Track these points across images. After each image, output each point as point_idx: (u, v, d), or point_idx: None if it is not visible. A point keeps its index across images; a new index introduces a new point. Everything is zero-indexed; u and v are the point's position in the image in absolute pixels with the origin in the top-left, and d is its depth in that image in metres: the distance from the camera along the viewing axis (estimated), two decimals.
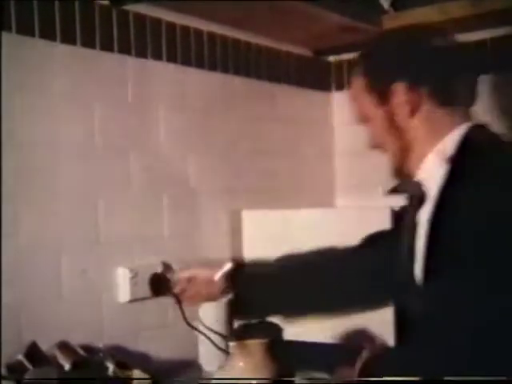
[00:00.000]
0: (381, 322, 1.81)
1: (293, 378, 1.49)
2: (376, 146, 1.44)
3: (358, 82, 1.42)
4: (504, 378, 1.13)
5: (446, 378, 1.17)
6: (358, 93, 1.42)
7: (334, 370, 1.60)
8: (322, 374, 1.60)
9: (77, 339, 1.59)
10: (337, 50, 2.47)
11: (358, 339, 1.80)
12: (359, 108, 1.44)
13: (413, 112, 1.35)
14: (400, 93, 1.35)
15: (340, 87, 2.52)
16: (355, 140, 2.51)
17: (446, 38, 1.41)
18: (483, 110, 1.44)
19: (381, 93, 1.37)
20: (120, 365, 1.53)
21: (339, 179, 2.54)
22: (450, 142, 1.32)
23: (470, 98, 1.39)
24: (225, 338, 1.67)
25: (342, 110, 2.52)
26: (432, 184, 1.32)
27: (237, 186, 2.14)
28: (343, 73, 2.51)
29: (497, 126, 2.03)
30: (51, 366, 1.45)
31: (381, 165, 1.42)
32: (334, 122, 2.54)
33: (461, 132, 1.33)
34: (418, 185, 1.36)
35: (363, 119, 1.44)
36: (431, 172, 1.33)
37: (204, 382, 1.68)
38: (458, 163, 1.28)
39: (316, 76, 2.49)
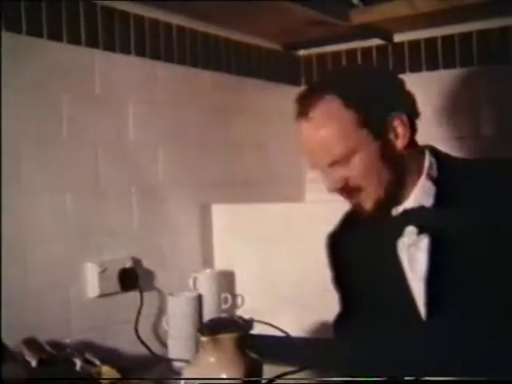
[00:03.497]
0: None
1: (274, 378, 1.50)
2: (349, 185, 1.36)
3: (339, 119, 1.33)
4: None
5: (445, 379, 1.19)
6: (343, 130, 1.33)
7: (304, 362, 1.61)
8: (291, 367, 1.60)
9: (45, 335, 1.57)
10: (306, 45, 2.47)
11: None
12: (341, 146, 1.33)
13: (410, 143, 1.36)
14: (398, 125, 1.34)
15: (309, 81, 2.52)
16: None
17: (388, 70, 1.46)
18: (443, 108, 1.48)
19: (378, 126, 1.34)
20: (88, 361, 1.52)
21: (309, 173, 2.54)
22: (430, 163, 1.37)
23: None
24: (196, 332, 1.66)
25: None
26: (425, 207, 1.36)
27: (206, 180, 2.14)
28: (312, 67, 2.52)
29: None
30: (17, 362, 1.43)
31: None
32: None
33: (430, 154, 1.39)
34: (422, 210, 1.36)
35: (341, 159, 1.34)
36: (423, 197, 1.36)
37: (174, 378, 1.67)
38: (442, 183, 1.35)
39: (285, 70, 2.49)
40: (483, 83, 2.22)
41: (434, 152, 1.40)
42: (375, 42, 2.38)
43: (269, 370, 1.45)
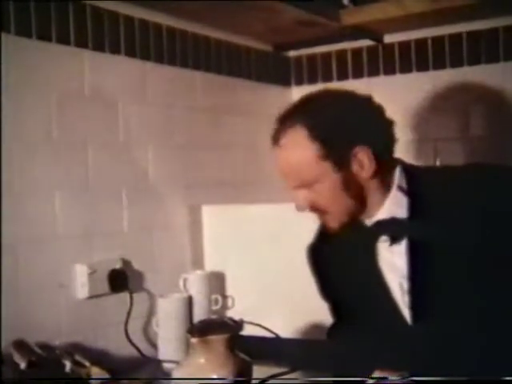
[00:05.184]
0: None
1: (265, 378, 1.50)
2: (313, 207, 1.42)
3: (303, 150, 1.37)
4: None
5: (445, 379, 1.20)
6: (304, 160, 1.38)
7: (294, 363, 1.61)
8: (281, 368, 1.60)
9: (34, 337, 1.57)
10: (296, 45, 2.48)
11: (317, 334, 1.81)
12: (302, 175, 1.39)
13: (376, 173, 1.38)
14: (363, 157, 1.36)
15: (299, 82, 2.53)
16: None
17: (365, 97, 1.43)
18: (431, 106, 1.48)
19: (340, 159, 1.36)
20: (78, 362, 1.51)
21: None
22: (401, 176, 1.41)
23: (394, 144, 1.44)
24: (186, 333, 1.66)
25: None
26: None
27: (196, 180, 2.13)
28: (303, 68, 2.52)
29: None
30: (6, 365, 1.42)
31: None
32: None
33: (402, 170, 1.42)
34: (398, 220, 1.39)
35: (303, 185, 1.41)
36: (394, 208, 1.39)
37: (164, 378, 1.67)
38: (413, 195, 1.39)
39: (276, 71, 2.49)
40: (473, 84, 2.23)
41: (403, 165, 1.44)
42: (365, 42, 2.38)
43: (258, 371, 1.45)
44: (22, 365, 1.43)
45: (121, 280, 1.83)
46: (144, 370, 1.76)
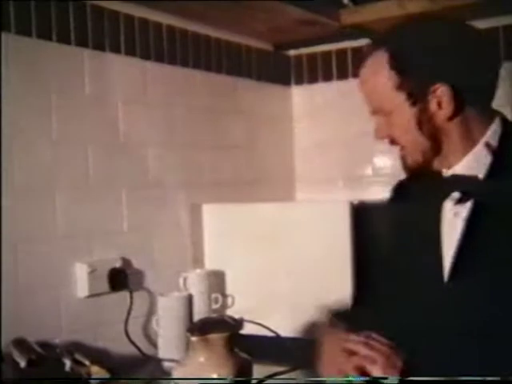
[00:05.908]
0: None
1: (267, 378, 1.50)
2: (388, 138, 1.36)
3: (382, 76, 1.31)
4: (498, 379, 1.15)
5: (444, 379, 1.18)
6: (381, 88, 1.32)
7: (294, 362, 1.61)
8: (281, 367, 1.61)
9: (34, 335, 1.57)
10: (296, 45, 2.48)
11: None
12: (379, 102, 1.34)
13: (455, 115, 1.30)
14: (442, 95, 1.28)
15: (300, 81, 2.53)
16: (315, 134, 2.55)
17: (476, 31, 1.34)
18: None
19: (416, 92, 1.29)
20: (78, 361, 1.51)
21: (299, 173, 2.54)
22: (493, 132, 1.31)
23: (494, 92, 1.35)
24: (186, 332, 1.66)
25: (301, 104, 2.53)
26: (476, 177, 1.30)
27: (197, 179, 2.13)
28: (303, 67, 2.52)
29: None
30: (6, 363, 1.42)
31: (340, 159, 1.42)
32: (293, 115, 2.55)
33: (498, 125, 1.32)
34: (473, 178, 1.30)
35: (379, 112, 1.35)
36: (475, 164, 1.30)
37: (164, 378, 1.67)
38: (502, 155, 1.29)
39: (276, 70, 2.49)
40: None
41: (504, 121, 1.33)
42: (365, 42, 2.38)
43: (259, 370, 1.45)
44: (22, 363, 1.44)
45: (121, 279, 1.83)
46: (144, 369, 1.76)
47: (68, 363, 1.49)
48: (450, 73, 1.29)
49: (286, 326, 1.85)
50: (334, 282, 1.86)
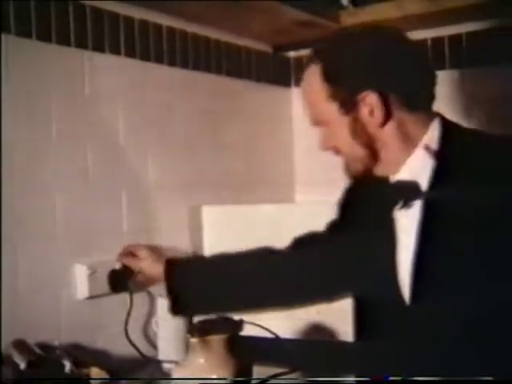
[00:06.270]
0: (339, 316, 1.82)
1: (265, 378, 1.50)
2: (331, 149, 1.39)
3: (316, 88, 1.35)
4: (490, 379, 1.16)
5: (442, 378, 1.18)
6: (316, 99, 1.36)
7: (294, 364, 1.61)
8: (280, 368, 1.60)
9: (34, 337, 1.57)
10: (296, 46, 2.48)
11: (316, 334, 1.81)
12: (316, 113, 1.38)
13: (384, 122, 1.31)
14: (371, 102, 1.30)
15: (299, 83, 2.51)
16: (315, 135, 2.55)
17: (404, 37, 1.36)
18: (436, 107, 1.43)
19: (347, 102, 1.31)
20: (77, 363, 1.51)
21: (299, 174, 2.54)
22: (433, 137, 1.31)
23: (433, 97, 1.37)
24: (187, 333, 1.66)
25: (301, 106, 2.53)
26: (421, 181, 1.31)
27: (197, 181, 2.13)
28: (302, 68, 2.51)
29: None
30: (6, 365, 1.42)
31: (340, 160, 1.42)
32: (293, 117, 2.55)
33: (437, 128, 1.32)
34: (415, 184, 1.31)
35: (319, 123, 1.39)
36: (417, 170, 1.31)
37: (164, 378, 1.67)
38: (444, 158, 1.29)
39: (276, 71, 2.49)
40: (473, 85, 2.23)
41: (443, 122, 1.34)
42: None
43: (258, 371, 1.45)
44: (22, 365, 1.43)
45: (120, 280, 1.83)
46: (144, 371, 1.76)
47: (68, 365, 1.49)
48: (378, 80, 1.31)
49: (285, 327, 1.85)
50: None
